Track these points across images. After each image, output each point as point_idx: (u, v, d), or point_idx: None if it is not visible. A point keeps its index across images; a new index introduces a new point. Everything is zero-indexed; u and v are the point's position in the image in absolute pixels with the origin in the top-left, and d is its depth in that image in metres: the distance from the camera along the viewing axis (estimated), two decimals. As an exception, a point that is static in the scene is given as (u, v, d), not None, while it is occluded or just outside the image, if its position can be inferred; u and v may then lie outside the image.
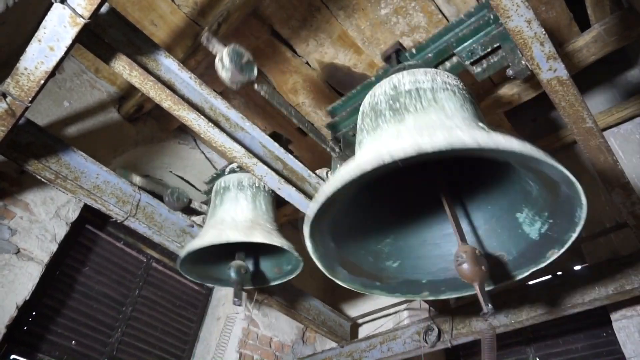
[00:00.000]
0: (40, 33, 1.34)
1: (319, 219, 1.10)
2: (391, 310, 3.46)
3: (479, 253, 1.14)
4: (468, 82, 1.53)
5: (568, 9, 2.33)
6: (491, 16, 1.50)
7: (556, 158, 0.94)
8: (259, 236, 1.84)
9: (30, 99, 1.51)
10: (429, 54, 1.65)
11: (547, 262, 1.27)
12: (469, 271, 1.12)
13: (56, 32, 1.33)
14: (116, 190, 2.08)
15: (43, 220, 2.46)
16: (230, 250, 2.07)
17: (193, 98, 1.69)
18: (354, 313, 3.66)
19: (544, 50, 1.37)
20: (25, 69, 1.42)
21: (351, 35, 2.49)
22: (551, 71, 1.43)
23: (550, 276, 2.66)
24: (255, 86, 1.40)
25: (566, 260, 3.09)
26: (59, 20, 1.30)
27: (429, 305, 2.75)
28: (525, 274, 1.34)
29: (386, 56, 1.81)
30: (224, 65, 1.22)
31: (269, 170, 1.81)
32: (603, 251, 2.60)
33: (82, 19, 1.28)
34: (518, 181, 1.28)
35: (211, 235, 1.86)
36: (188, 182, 3.49)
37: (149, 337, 2.96)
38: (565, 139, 3.07)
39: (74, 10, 1.26)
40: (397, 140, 0.97)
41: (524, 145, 0.90)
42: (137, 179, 2.09)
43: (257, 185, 2.15)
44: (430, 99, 1.24)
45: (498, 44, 1.51)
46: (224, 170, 2.36)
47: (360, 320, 3.60)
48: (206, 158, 3.52)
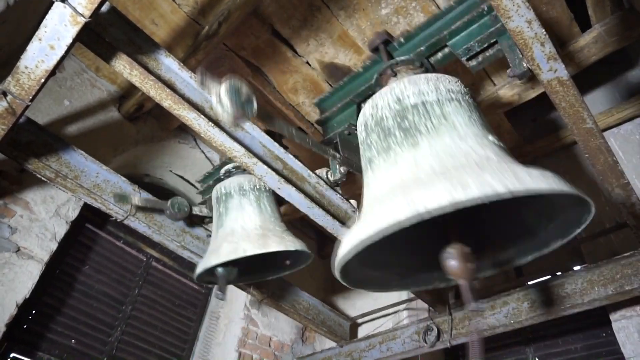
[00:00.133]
0: (40, 32, 1.34)
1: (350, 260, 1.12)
2: (390, 310, 3.47)
3: (467, 250, 1.13)
4: (467, 82, 1.52)
5: (569, 9, 2.33)
6: (485, 7, 1.48)
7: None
8: (273, 244, 1.87)
9: (30, 97, 1.51)
10: (421, 47, 1.62)
11: (549, 250, 1.27)
12: (456, 268, 1.12)
13: (57, 31, 1.33)
14: (116, 189, 2.08)
15: (43, 219, 2.46)
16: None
17: (193, 97, 1.69)
18: (354, 313, 3.66)
19: (545, 50, 1.37)
20: (26, 67, 1.42)
21: (352, 35, 2.49)
22: (552, 72, 1.43)
23: (549, 276, 2.67)
24: (276, 127, 1.40)
25: (566, 260, 3.10)
26: (60, 19, 1.30)
27: (429, 305, 2.76)
28: (527, 259, 1.35)
29: (373, 47, 1.78)
30: (224, 108, 1.14)
31: (269, 170, 1.81)
32: (603, 251, 2.60)
33: (83, 18, 1.29)
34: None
35: (226, 250, 1.87)
36: (188, 182, 3.49)
37: (148, 336, 2.96)
38: (565, 139, 3.07)
39: (74, 9, 1.26)
40: (426, 188, 0.96)
41: (554, 183, 0.93)
42: (136, 199, 2.10)
43: (258, 187, 2.14)
44: (439, 115, 1.22)
45: (495, 40, 1.50)
46: (217, 169, 2.34)
47: (359, 320, 3.61)
48: (206, 157, 3.52)
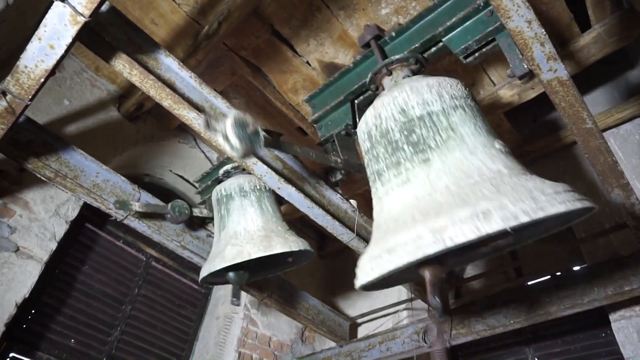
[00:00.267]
0: (40, 31, 1.34)
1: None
2: (390, 310, 3.47)
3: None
4: (467, 82, 1.52)
5: (568, 9, 2.33)
6: (481, 3, 1.47)
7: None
8: (277, 246, 1.87)
9: (30, 97, 1.51)
10: (415, 43, 1.61)
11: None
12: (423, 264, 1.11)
13: (56, 31, 1.33)
14: (116, 188, 2.08)
15: (43, 219, 2.46)
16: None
17: (193, 97, 1.69)
18: (353, 313, 3.66)
19: (544, 50, 1.37)
20: (26, 67, 1.42)
21: (352, 35, 2.48)
22: (551, 72, 1.43)
23: (549, 276, 2.67)
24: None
25: (565, 261, 3.10)
26: (60, 19, 1.30)
27: (428, 306, 2.76)
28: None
29: (364, 42, 1.77)
30: (233, 147, 1.11)
31: (269, 170, 1.81)
32: (602, 252, 2.60)
33: (83, 18, 1.28)
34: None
35: (231, 253, 1.87)
36: (188, 181, 3.49)
37: (148, 336, 2.96)
38: (565, 139, 3.07)
39: (74, 8, 1.26)
40: (448, 216, 0.97)
41: (569, 202, 0.95)
42: (136, 205, 2.10)
43: (259, 187, 2.13)
44: (447, 128, 1.22)
45: (493, 38, 1.50)
46: (215, 169, 2.34)
47: (359, 320, 3.61)
48: (206, 157, 3.52)
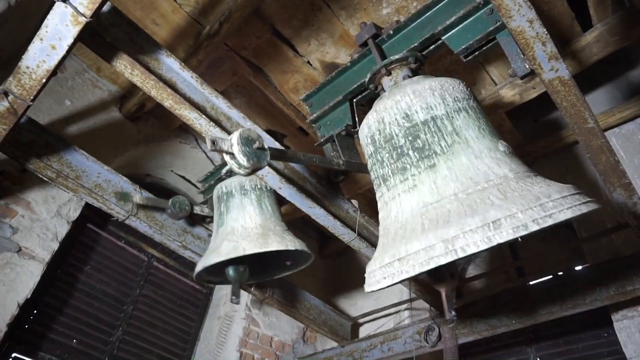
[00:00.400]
0: (42, 32, 1.34)
1: None
2: (392, 310, 3.47)
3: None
4: (468, 82, 1.51)
5: (570, 9, 2.32)
6: (481, 1, 1.45)
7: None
8: (273, 243, 1.87)
9: (32, 97, 1.51)
10: (414, 42, 1.60)
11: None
12: (438, 280, 1.13)
13: (58, 31, 1.33)
14: (117, 189, 2.09)
15: (44, 219, 2.46)
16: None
17: (194, 97, 1.69)
18: (355, 313, 3.66)
19: (546, 50, 1.37)
20: (27, 67, 1.43)
21: (353, 35, 2.48)
22: (553, 71, 1.43)
23: (551, 276, 2.66)
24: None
25: (567, 261, 3.10)
26: (61, 19, 1.30)
27: (430, 305, 2.76)
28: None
29: (362, 41, 1.76)
30: (240, 165, 1.11)
31: (270, 170, 1.81)
32: (604, 251, 2.59)
33: (84, 18, 1.29)
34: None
35: (226, 248, 1.87)
36: (189, 181, 3.50)
37: (149, 336, 2.97)
38: (567, 139, 3.07)
39: (75, 9, 1.27)
40: (458, 226, 0.98)
41: (576, 208, 0.97)
42: (137, 198, 2.10)
43: (260, 186, 2.14)
44: (451, 132, 1.22)
45: (493, 37, 1.49)
46: (218, 169, 2.34)
47: (361, 320, 3.61)
48: (207, 157, 3.52)
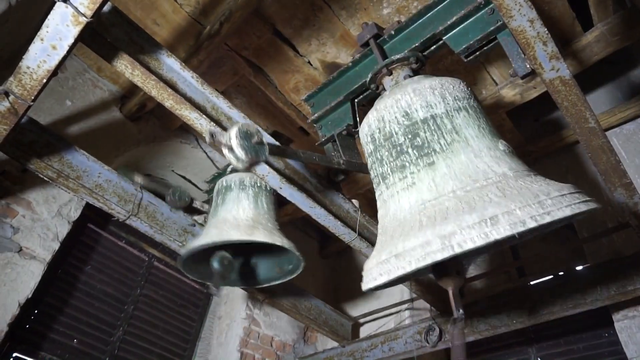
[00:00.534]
0: (42, 32, 1.34)
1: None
2: (392, 310, 3.46)
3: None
4: (469, 82, 1.51)
5: (571, 9, 2.32)
6: (482, 1, 1.46)
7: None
8: (260, 235, 1.85)
9: (32, 97, 1.51)
10: (415, 42, 1.60)
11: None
12: (444, 277, 1.12)
13: (59, 31, 1.33)
14: (118, 189, 2.09)
15: (45, 219, 2.47)
16: (231, 248, 2.07)
17: (195, 97, 1.69)
18: (356, 313, 3.66)
19: (547, 50, 1.37)
20: (28, 67, 1.43)
21: (353, 35, 2.48)
22: (554, 71, 1.43)
23: (552, 276, 2.66)
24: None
25: (568, 261, 3.09)
26: (62, 19, 1.30)
27: (431, 305, 2.75)
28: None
29: (363, 41, 1.77)
30: (238, 159, 1.11)
31: (271, 170, 1.81)
32: (605, 251, 2.59)
33: (85, 18, 1.29)
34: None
35: (212, 234, 1.87)
36: (190, 181, 3.50)
37: (150, 336, 2.97)
38: (568, 139, 3.06)
39: (76, 9, 1.26)
40: (455, 222, 0.97)
41: (575, 206, 0.95)
42: (139, 178, 2.09)
43: (259, 184, 2.15)
44: (451, 130, 1.22)
45: (494, 37, 1.49)
46: (225, 170, 2.36)
47: (361, 320, 3.60)
48: (208, 157, 3.52)
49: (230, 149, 1.10)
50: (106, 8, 1.48)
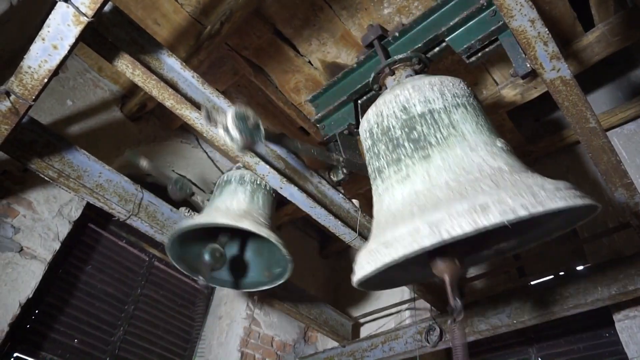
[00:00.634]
0: (44, 32, 1.34)
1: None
2: (393, 310, 3.46)
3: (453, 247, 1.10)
4: (470, 82, 1.51)
5: (571, 9, 2.32)
6: (484, 2, 1.47)
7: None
8: (247, 224, 1.82)
9: (33, 97, 1.51)
10: (418, 43, 1.61)
11: (550, 238, 1.29)
12: (440, 264, 1.11)
13: (60, 31, 1.33)
14: (119, 189, 2.09)
15: (46, 219, 2.47)
16: (224, 248, 2.06)
17: (195, 97, 1.69)
18: (356, 313, 3.66)
19: (548, 50, 1.37)
20: (29, 67, 1.43)
21: (354, 35, 2.48)
22: (554, 71, 1.43)
23: (552, 276, 2.66)
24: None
25: (568, 260, 3.09)
26: (63, 19, 1.30)
27: (431, 305, 2.75)
28: (529, 246, 1.35)
29: (368, 42, 1.78)
30: (233, 140, 1.11)
31: (271, 170, 1.81)
32: (606, 251, 2.59)
33: (86, 18, 1.29)
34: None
35: (199, 219, 1.88)
36: (190, 181, 3.50)
37: (151, 336, 2.97)
38: (568, 139, 3.06)
39: (77, 9, 1.27)
40: (446, 210, 0.96)
41: (569, 198, 0.94)
42: (145, 163, 2.09)
43: (259, 182, 2.15)
44: (448, 125, 1.22)
45: (496, 37, 1.49)
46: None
47: (362, 320, 3.60)
48: (208, 157, 3.53)
49: (225, 129, 1.10)
50: (107, 8, 1.49)
